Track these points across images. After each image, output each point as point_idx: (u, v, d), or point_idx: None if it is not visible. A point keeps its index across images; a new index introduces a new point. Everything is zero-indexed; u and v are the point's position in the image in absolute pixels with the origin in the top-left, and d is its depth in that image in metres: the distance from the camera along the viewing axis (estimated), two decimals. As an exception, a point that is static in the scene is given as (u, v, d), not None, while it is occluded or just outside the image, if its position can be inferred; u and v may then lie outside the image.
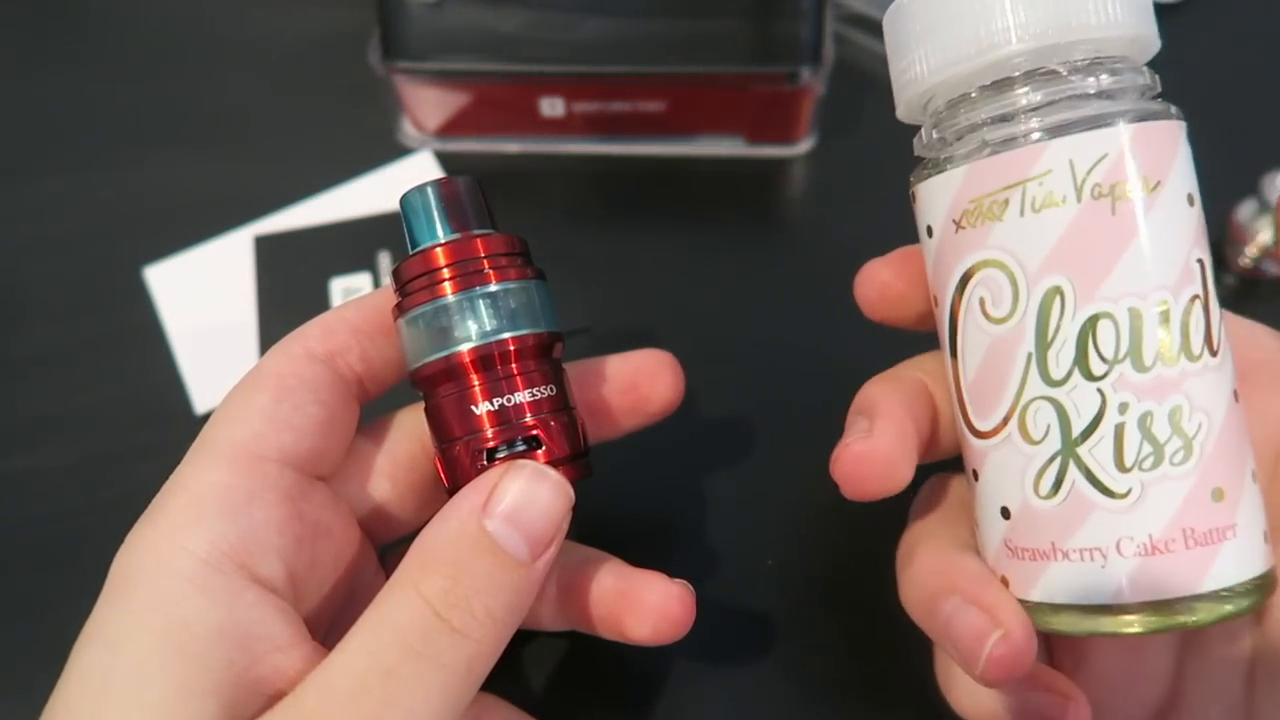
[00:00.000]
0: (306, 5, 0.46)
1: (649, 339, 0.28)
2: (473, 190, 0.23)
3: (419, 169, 0.41)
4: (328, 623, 0.23)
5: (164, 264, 0.38)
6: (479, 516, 0.20)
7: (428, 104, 0.40)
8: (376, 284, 0.37)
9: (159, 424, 0.34)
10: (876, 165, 0.27)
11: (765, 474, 0.32)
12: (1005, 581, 0.21)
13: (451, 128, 0.41)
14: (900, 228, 0.24)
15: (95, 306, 0.37)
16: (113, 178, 0.41)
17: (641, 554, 0.25)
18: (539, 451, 0.21)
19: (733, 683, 0.29)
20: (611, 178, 0.41)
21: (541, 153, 0.41)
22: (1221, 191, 0.36)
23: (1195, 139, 0.20)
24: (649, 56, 0.37)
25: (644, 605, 0.23)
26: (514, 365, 0.22)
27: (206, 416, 0.34)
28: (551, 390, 0.22)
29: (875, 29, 0.44)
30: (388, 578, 0.23)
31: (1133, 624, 0.19)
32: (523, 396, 0.22)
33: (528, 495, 0.20)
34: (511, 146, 0.41)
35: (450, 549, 0.19)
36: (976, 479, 0.21)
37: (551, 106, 0.39)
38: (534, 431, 0.21)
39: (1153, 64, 0.21)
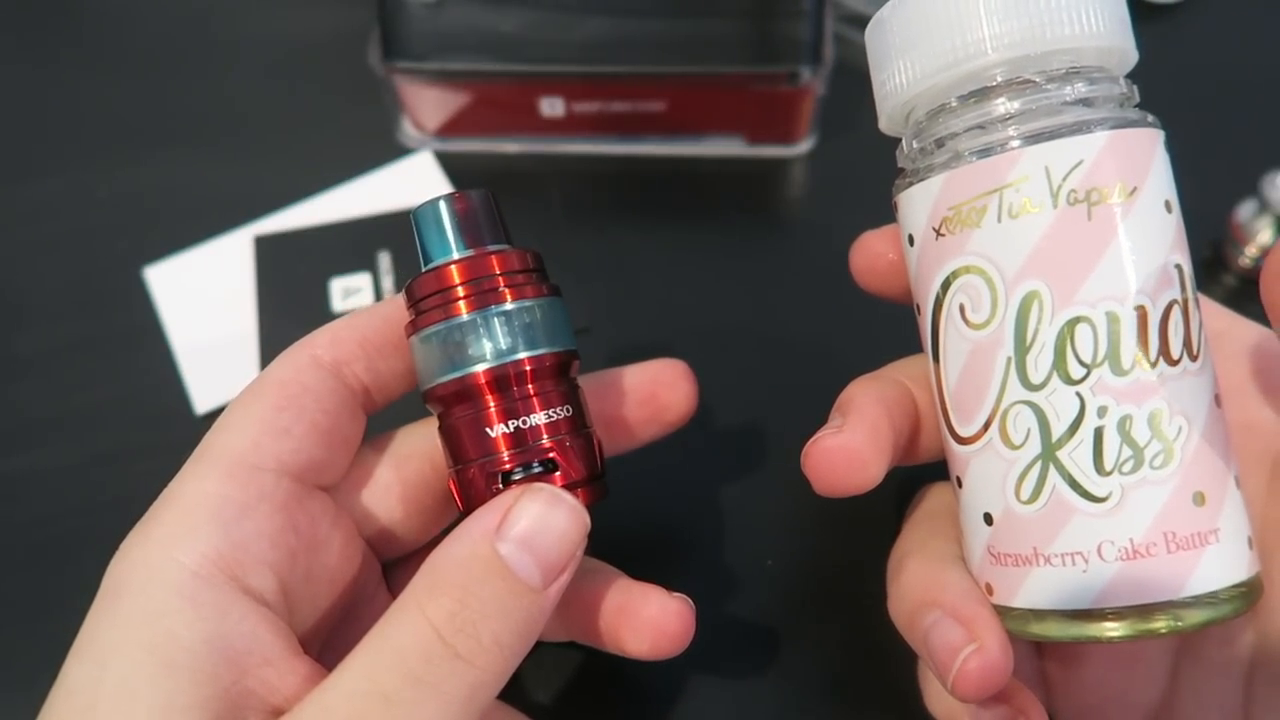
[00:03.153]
0: (306, 5, 0.46)
1: (647, 339, 0.28)
2: (486, 204, 0.22)
3: (419, 169, 0.41)
4: (324, 637, 0.23)
5: (164, 264, 0.38)
6: (492, 539, 0.19)
7: (428, 104, 0.40)
8: (376, 284, 0.37)
9: (159, 424, 0.34)
10: (876, 165, 0.27)
11: (766, 474, 0.32)
12: (989, 589, 0.21)
13: (451, 128, 0.41)
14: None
15: (95, 306, 0.37)
16: (112, 178, 0.41)
17: (642, 554, 0.25)
18: (555, 474, 0.21)
19: (732, 683, 0.29)
20: (611, 178, 0.41)
21: (541, 153, 0.41)
22: (1221, 191, 0.36)
23: (1196, 139, 0.20)
24: (649, 56, 0.37)
25: (642, 621, 0.22)
26: (530, 386, 0.21)
27: (206, 417, 0.34)
28: (568, 411, 0.22)
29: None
30: (393, 593, 0.22)
31: (1115, 629, 0.19)
32: (539, 418, 0.21)
33: (543, 520, 0.19)
34: (511, 146, 0.41)
35: (460, 571, 0.19)
36: (960, 486, 0.21)
37: (551, 106, 0.39)
38: (551, 454, 0.21)
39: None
